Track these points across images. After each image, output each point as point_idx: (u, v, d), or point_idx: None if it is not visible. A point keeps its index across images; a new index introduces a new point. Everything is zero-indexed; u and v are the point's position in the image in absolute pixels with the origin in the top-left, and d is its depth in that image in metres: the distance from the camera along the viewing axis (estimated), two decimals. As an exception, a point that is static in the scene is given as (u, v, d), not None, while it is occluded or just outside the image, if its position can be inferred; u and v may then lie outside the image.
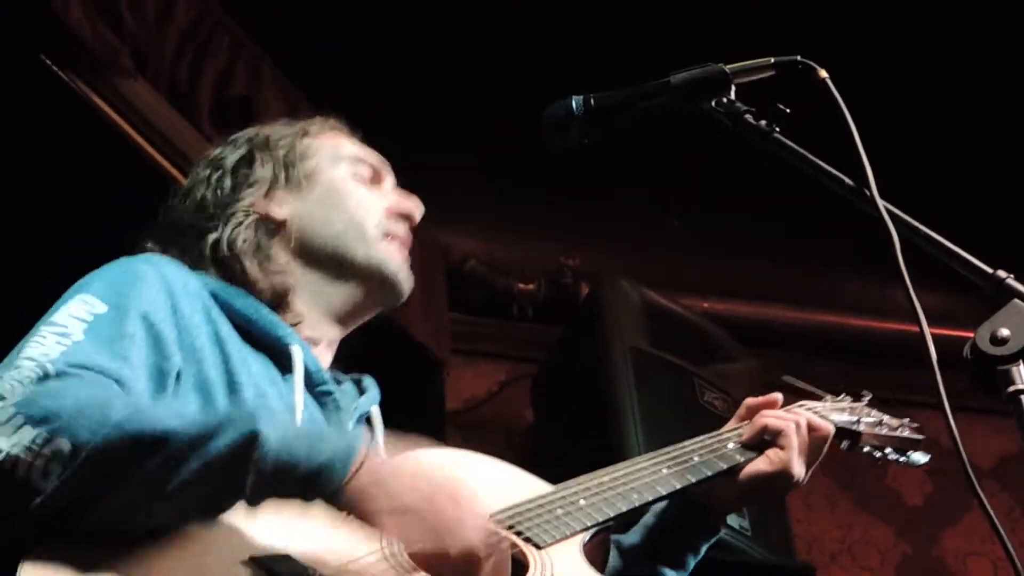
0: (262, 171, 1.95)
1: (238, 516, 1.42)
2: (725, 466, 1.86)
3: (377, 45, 3.89)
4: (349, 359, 1.99)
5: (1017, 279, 1.37)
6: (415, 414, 1.59)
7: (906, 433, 2.23)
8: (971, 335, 1.30)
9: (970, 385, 1.29)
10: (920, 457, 2.22)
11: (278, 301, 1.86)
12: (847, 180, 1.56)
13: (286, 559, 1.39)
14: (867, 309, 5.11)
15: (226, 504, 1.40)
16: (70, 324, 1.56)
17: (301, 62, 3.81)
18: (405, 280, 1.97)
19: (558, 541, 1.61)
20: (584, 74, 2.10)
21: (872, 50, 3.84)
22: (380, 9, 3.84)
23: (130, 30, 3.33)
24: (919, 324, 1.40)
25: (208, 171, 1.98)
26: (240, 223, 1.89)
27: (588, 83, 1.86)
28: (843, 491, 4.94)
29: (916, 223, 1.50)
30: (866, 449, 2.15)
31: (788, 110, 1.65)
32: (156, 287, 1.68)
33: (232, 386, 1.68)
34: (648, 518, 1.95)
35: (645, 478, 1.79)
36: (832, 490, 4.92)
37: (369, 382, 1.98)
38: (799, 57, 1.69)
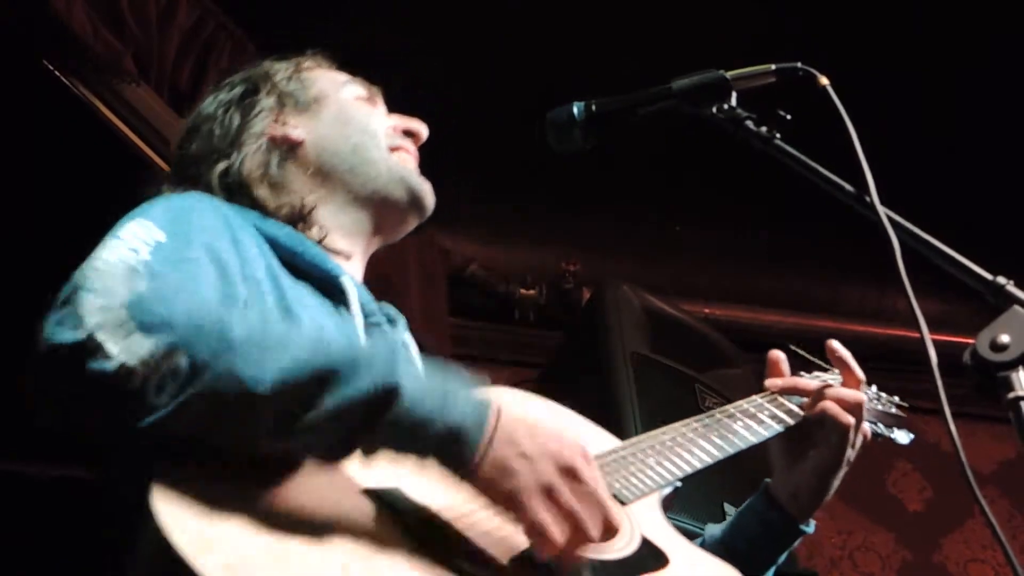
0: (267, 100, 1.96)
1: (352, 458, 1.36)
2: (768, 434, 1.90)
3: (378, 48, 3.89)
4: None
5: (1017, 285, 1.37)
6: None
7: (893, 409, 2.27)
8: (971, 341, 1.30)
9: (970, 391, 1.29)
10: (903, 436, 2.24)
11: (297, 219, 1.83)
12: (847, 186, 1.57)
13: (400, 493, 1.33)
14: (867, 315, 5.11)
15: (343, 454, 1.31)
16: (135, 243, 1.46)
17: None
18: (429, 193, 1.95)
19: (639, 498, 1.60)
20: (586, 79, 2.11)
21: (873, 56, 3.85)
22: (380, 11, 3.84)
23: (132, 34, 3.34)
24: (920, 330, 1.40)
25: (213, 108, 1.98)
26: (252, 150, 1.88)
27: (590, 88, 1.87)
28: (844, 497, 4.93)
29: (916, 229, 1.50)
30: (865, 423, 2.13)
31: (789, 116, 1.66)
32: (213, 217, 1.64)
33: (290, 318, 1.60)
34: (726, 532, 1.98)
35: (700, 440, 1.80)
36: (832, 496, 4.92)
37: (391, 308, 1.91)
38: (800, 64, 1.69)
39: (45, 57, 3.28)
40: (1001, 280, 1.39)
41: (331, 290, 1.75)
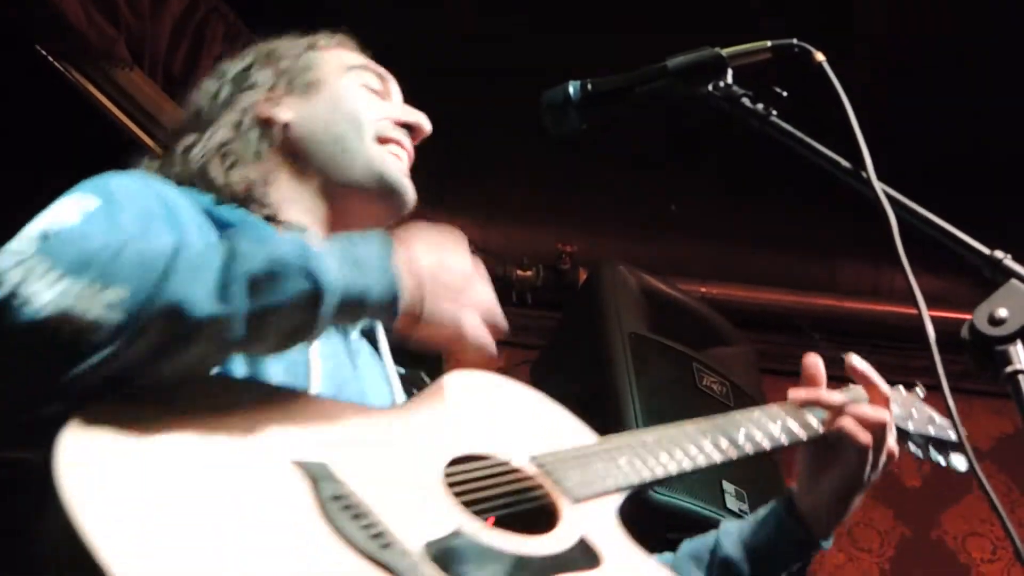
0: (259, 75, 1.92)
1: (295, 407, 1.38)
2: (770, 446, 1.80)
3: (371, 29, 3.88)
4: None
5: (1014, 259, 1.37)
6: (415, 402, 1.58)
7: (951, 435, 2.13)
8: (969, 316, 1.30)
9: (968, 366, 1.29)
10: (960, 462, 2.10)
11: (247, 198, 1.79)
12: (844, 162, 1.56)
13: (325, 469, 1.30)
14: (865, 292, 5.12)
15: (289, 344, 1.36)
16: (63, 215, 1.48)
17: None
18: (407, 189, 1.88)
19: (593, 498, 1.54)
20: (582, 59, 2.10)
21: (869, 32, 3.84)
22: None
23: (126, 19, 3.33)
24: (917, 306, 1.40)
25: (210, 82, 1.96)
26: (227, 123, 1.86)
27: (587, 68, 1.86)
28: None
29: (913, 204, 1.50)
30: (912, 447, 2.07)
31: (785, 93, 1.65)
32: (150, 192, 1.64)
33: None
34: (744, 534, 1.90)
35: (687, 444, 1.70)
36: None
37: None
38: (795, 40, 1.69)
39: (39, 43, 3.27)
40: (999, 254, 1.38)
41: None
